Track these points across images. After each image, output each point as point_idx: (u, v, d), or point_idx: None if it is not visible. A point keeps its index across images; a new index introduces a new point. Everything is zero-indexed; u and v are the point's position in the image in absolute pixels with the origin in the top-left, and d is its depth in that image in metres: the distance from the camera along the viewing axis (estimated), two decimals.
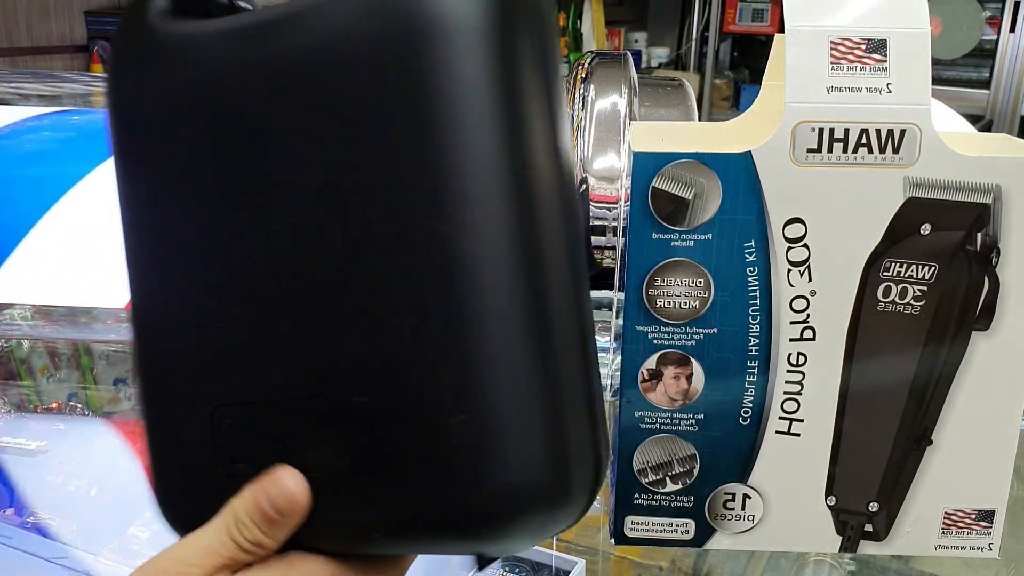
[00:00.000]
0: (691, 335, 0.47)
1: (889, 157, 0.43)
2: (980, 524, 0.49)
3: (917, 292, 0.45)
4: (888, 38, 0.42)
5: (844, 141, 0.43)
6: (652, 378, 0.48)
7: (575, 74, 0.60)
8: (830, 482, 0.49)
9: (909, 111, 0.43)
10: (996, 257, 0.45)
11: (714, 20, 3.39)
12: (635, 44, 3.68)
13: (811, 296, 0.45)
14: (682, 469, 0.49)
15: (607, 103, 0.57)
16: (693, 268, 0.45)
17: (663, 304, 0.46)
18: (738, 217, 0.44)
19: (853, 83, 0.43)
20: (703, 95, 3.39)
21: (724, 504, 0.50)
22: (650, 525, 0.50)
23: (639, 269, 0.46)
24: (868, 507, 0.49)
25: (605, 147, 0.56)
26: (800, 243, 0.45)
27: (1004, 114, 2.92)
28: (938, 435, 0.48)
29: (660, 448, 0.49)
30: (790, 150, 0.43)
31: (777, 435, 0.48)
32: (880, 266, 0.45)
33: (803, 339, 0.46)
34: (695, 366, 0.47)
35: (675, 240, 0.45)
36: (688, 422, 0.48)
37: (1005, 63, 2.89)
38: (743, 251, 0.45)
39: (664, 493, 0.50)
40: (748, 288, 0.45)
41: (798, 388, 0.47)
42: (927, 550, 0.50)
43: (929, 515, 0.49)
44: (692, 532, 0.50)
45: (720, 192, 0.44)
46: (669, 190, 0.44)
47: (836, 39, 0.43)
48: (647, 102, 0.60)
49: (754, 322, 0.46)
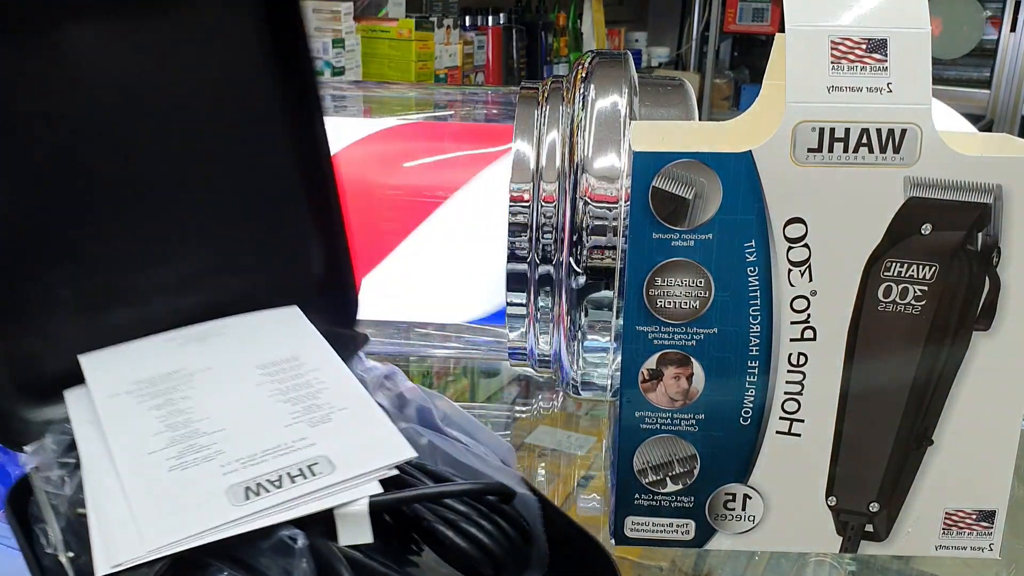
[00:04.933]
0: (691, 335, 0.46)
1: (890, 157, 0.43)
2: (981, 524, 0.49)
3: (918, 292, 0.45)
4: (888, 38, 0.42)
5: (844, 141, 0.43)
6: (652, 378, 0.47)
7: (575, 74, 0.60)
8: (830, 482, 0.49)
9: (910, 111, 0.42)
10: (997, 257, 0.45)
11: (714, 20, 3.39)
12: (635, 44, 3.68)
13: (812, 296, 0.45)
14: (682, 469, 0.49)
15: (607, 103, 0.57)
16: (693, 268, 0.45)
17: (663, 304, 0.46)
18: (738, 217, 0.44)
19: (853, 83, 0.42)
20: (703, 95, 3.39)
21: (724, 504, 0.49)
22: (650, 525, 0.50)
23: (639, 269, 0.46)
24: (869, 507, 0.49)
25: (605, 147, 0.55)
26: (801, 243, 0.44)
27: (1005, 114, 2.92)
28: (939, 435, 0.48)
29: (660, 448, 0.49)
30: (790, 150, 0.43)
31: (777, 435, 0.48)
32: (881, 266, 0.45)
33: (804, 339, 0.46)
34: (695, 366, 0.47)
35: (675, 240, 0.45)
36: (688, 422, 0.48)
37: (1006, 63, 2.89)
38: (743, 251, 0.45)
39: (664, 493, 0.50)
40: (748, 288, 0.45)
41: (799, 388, 0.47)
42: (928, 550, 0.50)
43: (929, 515, 0.49)
44: (692, 532, 0.50)
45: (720, 192, 0.44)
46: (669, 190, 0.44)
47: (836, 39, 0.43)
48: (647, 102, 0.60)
49: (755, 322, 0.46)
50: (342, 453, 0.42)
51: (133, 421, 0.44)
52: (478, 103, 0.93)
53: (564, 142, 0.57)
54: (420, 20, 2.62)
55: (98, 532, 0.38)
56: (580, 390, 0.61)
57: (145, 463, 0.42)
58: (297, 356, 0.50)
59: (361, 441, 0.43)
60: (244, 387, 0.47)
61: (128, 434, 0.44)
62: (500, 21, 3.06)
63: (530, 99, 0.61)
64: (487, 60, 3.03)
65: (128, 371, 0.48)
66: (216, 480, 0.40)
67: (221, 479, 0.40)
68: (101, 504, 0.40)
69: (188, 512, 0.39)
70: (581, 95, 0.57)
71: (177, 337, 0.51)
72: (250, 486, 0.40)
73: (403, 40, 2.57)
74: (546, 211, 0.57)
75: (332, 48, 2.44)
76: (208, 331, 0.52)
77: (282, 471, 0.41)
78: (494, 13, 3.05)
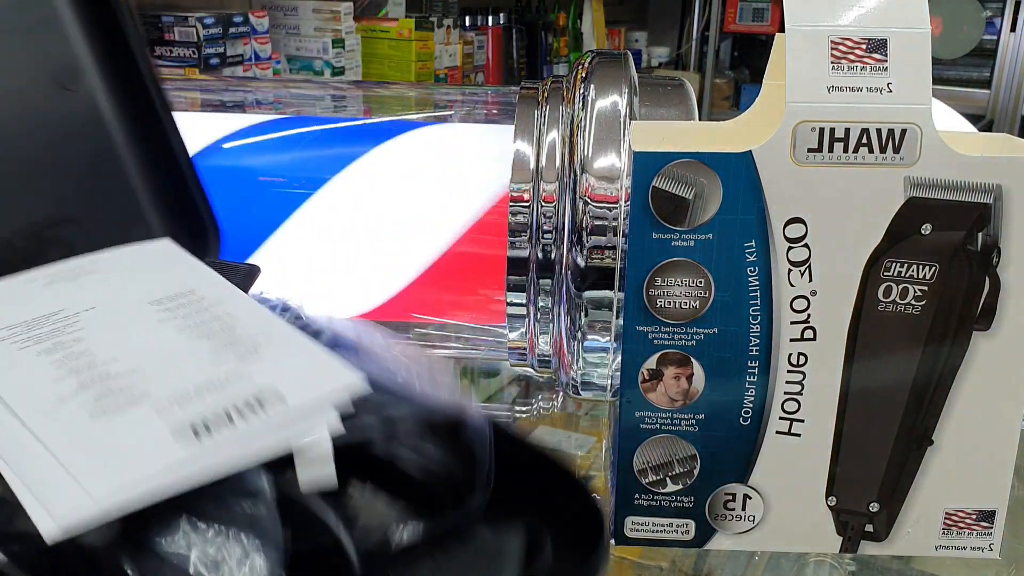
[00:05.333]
0: (691, 335, 0.46)
1: (890, 157, 0.43)
2: (981, 524, 0.49)
3: (918, 292, 0.45)
4: (889, 38, 0.42)
5: (844, 141, 0.43)
6: (652, 378, 0.47)
7: (575, 74, 0.60)
8: (830, 482, 0.49)
9: (910, 111, 0.42)
10: (997, 257, 0.45)
11: (714, 20, 3.39)
12: (635, 44, 3.68)
13: (812, 296, 0.45)
14: (682, 469, 0.49)
15: (607, 103, 0.57)
16: (693, 268, 0.45)
17: (663, 304, 0.46)
18: (738, 217, 0.44)
19: (853, 83, 0.42)
20: (703, 95, 3.39)
21: (725, 504, 0.50)
22: (650, 525, 0.50)
23: (639, 269, 0.46)
24: (869, 507, 0.49)
25: (605, 147, 0.55)
26: (801, 243, 0.45)
27: (1005, 114, 2.92)
28: (939, 435, 0.48)
29: (660, 448, 0.49)
30: (790, 150, 0.43)
31: (777, 435, 0.48)
32: (881, 266, 0.45)
33: (804, 339, 0.46)
34: (695, 366, 0.47)
35: (675, 240, 0.45)
36: (688, 422, 0.48)
37: (1006, 63, 2.89)
38: (743, 251, 0.45)
39: (664, 493, 0.50)
40: (748, 288, 0.45)
41: (799, 388, 0.47)
42: (928, 550, 0.50)
43: (930, 515, 0.49)
44: (692, 532, 0.50)
45: (720, 192, 0.44)
46: (669, 190, 0.44)
47: (836, 39, 0.43)
48: (647, 102, 0.60)
49: (754, 322, 0.46)
50: (287, 384, 0.38)
51: (22, 368, 0.38)
52: (478, 103, 0.93)
53: (564, 142, 0.57)
54: (420, 20, 2.62)
55: (33, 500, 0.32)
56: (580, 390, 0.61)
57: (59, 413, 0.36)
58: (193, 290, 0.45)
59: (302, 372, 0.39)
60: (144, 324, 0.42)
61: (22, 383, 0.38)
62: (500, 21, 3.07)
63: (530, 99, 0.61)
64: (487, 60, 3.03)
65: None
66: (153, 423, 0.35)
67: (157, 421, 0.35)
68: (23, 469, 0.34)
69: (133, 459, 0.34)
70: (581, 95, 0.57)
71: (39, 277, 0.46)
72: (195, 425, 0.35)
73: (403, 40, 2.57)
74: (546, 211, 0.57)
75: (332, 48, 2.44)
76: (76, 269, 0.47)
77: (227, 406, 0.36)
78: (494, 13, 3.05)
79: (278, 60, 2.37)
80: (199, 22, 2.10)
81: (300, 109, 0.88)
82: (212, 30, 2.13)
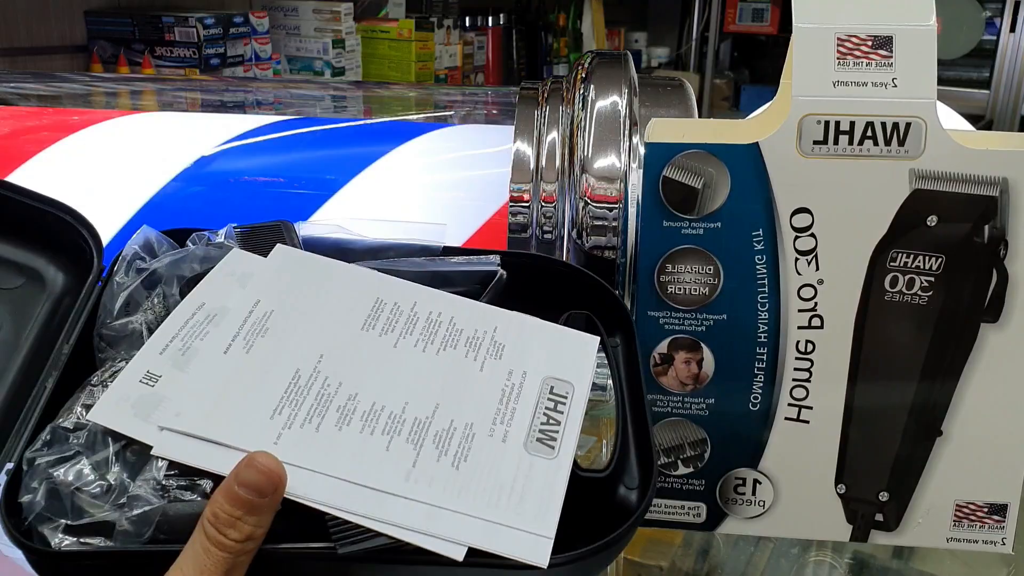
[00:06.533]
0: (701, 321, 0.47)
1: (895, 149, 0.44)
2: (993, 518, 0.50)
3: (924, 283, 0.46)
4: (894, 34, 0.43)
5: (850, 133, 0.44)
6: (664, 362, 0.48)
7: (575, 74, 0.60)
8: (840, 470, 0.49)
9: (914, 105, 0.43)
10: (1004, 250, 0.45)
11: (714, 20, 3.39)
12: (635, 44, 3.68)
13: (819, 285, 0.46)
14: (693, 452, 0.50)
15: (607, 103, 0.57)
16: (703, 255, 0.46)
17: (674, 290, 0.47)
18: (746, 206, 0.45)
19: (859, 78, 0.43)
20: (703, 95, 3.39)
21: (735, 488, 0.50)
22: (663, 507, 0.51)
23: (651, 256, 0.47)
24: (878, 496, 0.50)
25: (605, 147, 0.56)
26: (807, 232, 0.45)
27: (1004, 114, 2.91)
28: (948, 426, 0.48)
29: (672, 431, 0.50)
30: (796, 141, 0.44)
31: (786, 422, 0.49)
32: (887, 256, 0.46)
33: (811, 327, 0.47)
34: (705, 351, 0.48)
35: (685, 228, 0.46)
36: (699, 406, 0.49)
37: (1005, 63, 2.89)
38: (751, 239, 0.46)
39: (676, 476, 0.50)
40: (757, 276, 0.46)
41: (807, 376, 0.48)
42: (939, 542, 0.50)
43: (940, 506, 0.50)
44: (704, 516, 0.51)
45: (729, 182, 0.45)
46: (680, 179, 0.45)
47: (843, 35, 0.44)
48: (647, 102, 0.61)
49: (763, 309, 0.47)
50: (558, 369, 0.43)
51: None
52: (478, 103, 0.93)
53: (564, 142, 0.58)
54: (420, 20, 2.62)
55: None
56: None
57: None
58: (397, 303, 0.46)
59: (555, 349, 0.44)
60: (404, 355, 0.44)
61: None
62: (500, 21, 3.06)
63: (530, 99, 0.61)
64: (487, 60, 3.03)
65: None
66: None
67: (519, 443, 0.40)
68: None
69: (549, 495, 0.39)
70: (581, 95, 0.58)
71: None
72: (539, 436, 0.41)
73: (403, 40, 2.58)
74: (546, 211, 0.58)
75: (332, 48, 2.44)
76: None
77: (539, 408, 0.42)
78: (494, 13, 3.05)
79: (278, 60, 2.37)
80: (199, 22, 2.10)
81: (300, 110, 0.88)
82: (212, 30, 2.13)
